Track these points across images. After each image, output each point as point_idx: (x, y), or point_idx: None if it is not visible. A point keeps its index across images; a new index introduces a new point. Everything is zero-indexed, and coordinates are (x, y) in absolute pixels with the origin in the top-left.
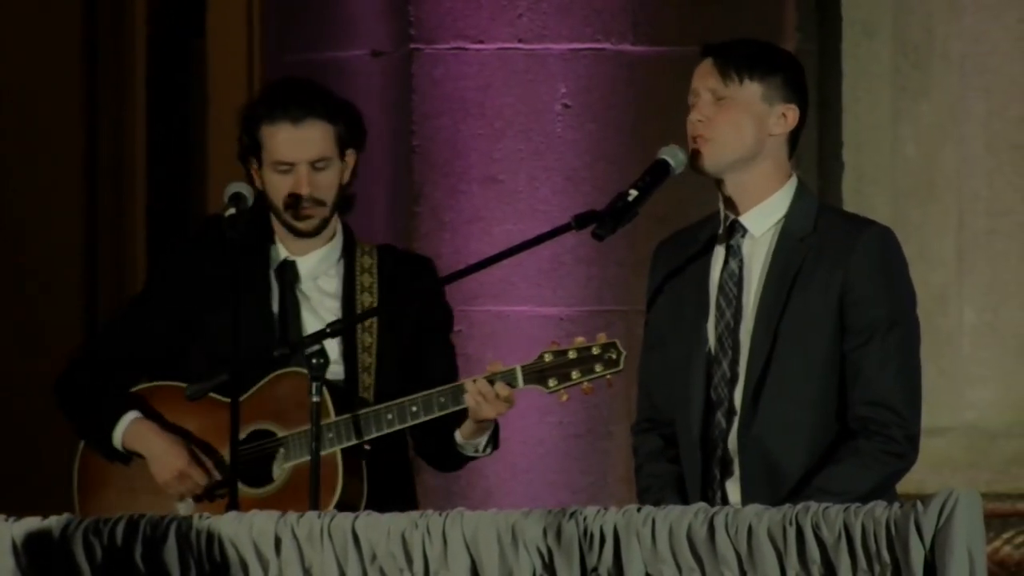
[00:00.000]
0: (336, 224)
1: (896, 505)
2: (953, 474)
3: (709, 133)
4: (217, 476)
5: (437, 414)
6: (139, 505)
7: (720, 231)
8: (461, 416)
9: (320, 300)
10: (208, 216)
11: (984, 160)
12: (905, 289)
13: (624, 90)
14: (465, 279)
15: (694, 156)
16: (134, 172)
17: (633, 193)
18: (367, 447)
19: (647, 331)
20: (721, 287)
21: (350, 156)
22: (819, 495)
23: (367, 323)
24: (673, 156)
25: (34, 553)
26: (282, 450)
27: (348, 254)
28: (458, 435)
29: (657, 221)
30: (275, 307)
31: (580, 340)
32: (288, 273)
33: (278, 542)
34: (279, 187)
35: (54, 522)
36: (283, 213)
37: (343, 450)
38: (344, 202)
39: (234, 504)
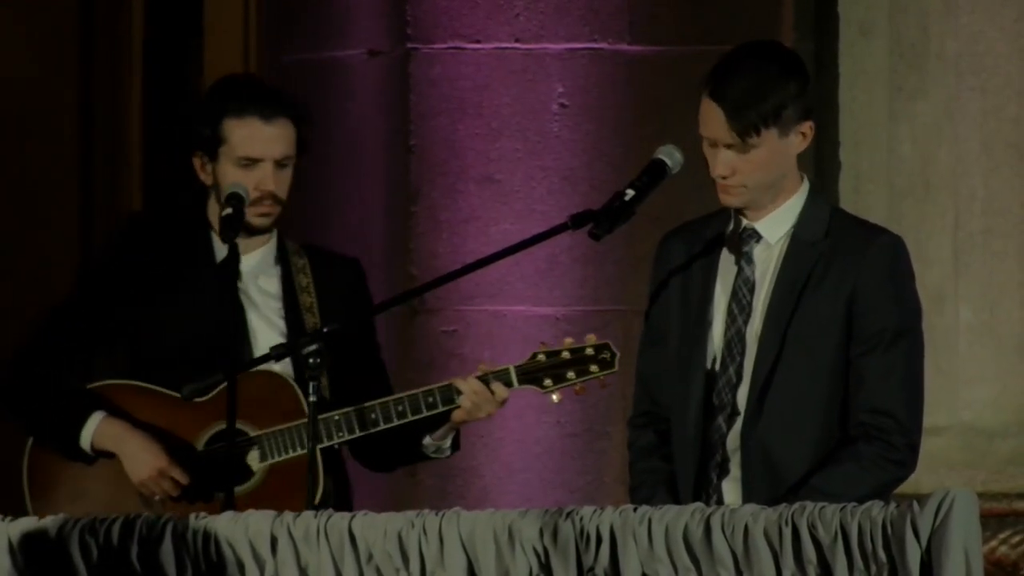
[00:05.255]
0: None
1: (892, 505)
2: (949, 473)
3: (738, 182)
4: (185, 482)
5: (426, 414)
6: (90, 506)
7: (729, 231)
8: (426, 419)
9: (264, 300)
10: (131, 213)
11: (980, 159)
12: (912, 300)
13: (621, 90)
14: (462, 279)
15: (724, 199)
16: (130, 171)
17: (630, 193)
18: (336, 447)
19: (648, 325)
20: (735, 293)
21: (297, 159)
22: (815, 496)
23: (313, 326)
24: (670, 156)
25: (30, 553)
26: (256, 449)
27: (282, 255)
28: (428, 437)
29: (654, 221)
30: (219, 303)
31: (570, 341)
32: (230, 270)
33: (274, 542)
34: (241, 182)
35: (50, 522)
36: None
37: (326, 449)
38: None
39: (230, 504)
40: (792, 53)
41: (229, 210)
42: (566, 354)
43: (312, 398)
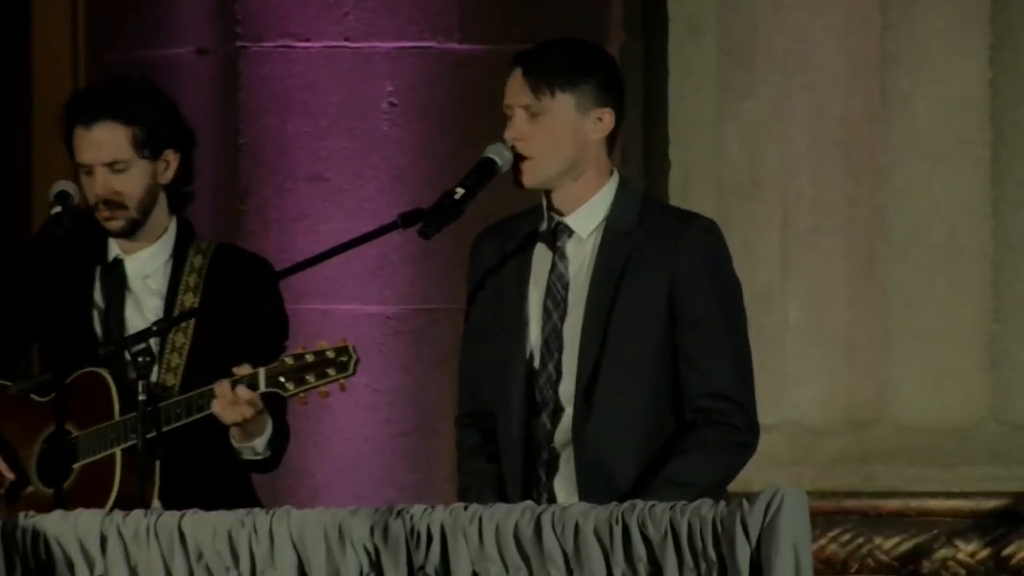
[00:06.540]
0: (167, 222)
1: (722, 503)
2: (778, 472)
3: (527, 151)
4: (11, 477)
5: (196, 416)
6: None
7: (543, 228)
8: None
9: (145, 299)
10: (50, 216)
11: (808, 158)
12: (732, 280)
13: (450, 88)
14: (291, 278)
15: (515, 174)
16: None
17: (459, 191)
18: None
19: (468, 325)
20: (549, 290)
21: (171, 156)
22: (670, 486)
23: (187, 326)
24: (499, 154)
25: None
26: (78, 450)
27: (179, 253)
28: (232, 439)
29: (484, 219)
30: (101, 305)
31: (322, 344)
32: (115, 272)
33: (104, 540)
34: (86, 188)
35: None
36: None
37: (127, 448)
38: (177, 200)
39: (59, 503)
40: (606, 53)
41: (58, 208)
42: (309, 357)
43: (142, 396)
